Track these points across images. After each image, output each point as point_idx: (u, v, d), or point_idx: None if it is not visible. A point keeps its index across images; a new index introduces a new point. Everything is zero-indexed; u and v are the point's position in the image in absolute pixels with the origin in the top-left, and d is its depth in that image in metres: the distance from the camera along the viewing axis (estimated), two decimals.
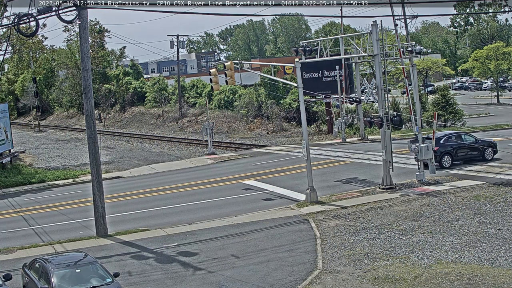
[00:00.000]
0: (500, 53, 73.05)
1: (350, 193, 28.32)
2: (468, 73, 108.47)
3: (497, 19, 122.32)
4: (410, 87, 33.29)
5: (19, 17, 22.65)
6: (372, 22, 28.78)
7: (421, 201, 25.70)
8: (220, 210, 27.46)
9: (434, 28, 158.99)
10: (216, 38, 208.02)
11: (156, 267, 19.61)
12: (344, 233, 22.00)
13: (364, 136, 47.66)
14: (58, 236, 24.56)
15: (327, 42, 31.31)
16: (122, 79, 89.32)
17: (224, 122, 66.98)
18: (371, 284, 16.82)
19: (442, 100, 53.44)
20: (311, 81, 50.23)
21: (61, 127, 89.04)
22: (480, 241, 19.95)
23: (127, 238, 23.37)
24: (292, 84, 31.90)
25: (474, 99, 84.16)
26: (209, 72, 34.16)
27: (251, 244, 21.48)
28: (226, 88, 68.17)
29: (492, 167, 31.78)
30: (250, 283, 17.55)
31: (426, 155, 28.87)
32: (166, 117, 76.62)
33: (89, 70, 23.93)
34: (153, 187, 34.45)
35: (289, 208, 26.60)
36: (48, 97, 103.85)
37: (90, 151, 24.19)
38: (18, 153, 52.29)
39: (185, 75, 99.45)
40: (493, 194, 25.99)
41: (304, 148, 27.79)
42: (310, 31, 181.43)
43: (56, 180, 39.02)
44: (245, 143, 53.22)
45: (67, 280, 15.67)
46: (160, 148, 55.95)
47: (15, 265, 20.11)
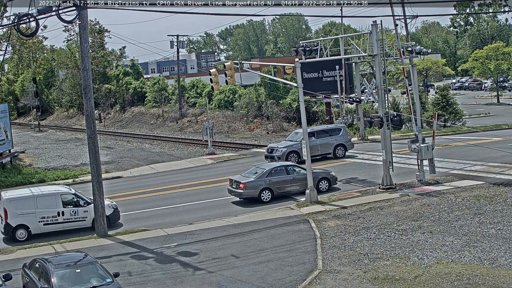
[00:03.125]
0: (500, 53, 73.05)
1: (350, 193, 28.32)
2: (468, 73, 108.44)
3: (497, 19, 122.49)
4: (410, 87, 33.24)
5: (19, 17, 22.64)
6: (372, 22, 28.77)
7: (421, 201, 25.70)
8: (220, 210, 27.46)
9: (434, 28, 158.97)
10: (216, 38, 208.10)
11: (156, 267, 19.62)
12: (344, 233, 22.00)
13: (364, 136, 47.66)
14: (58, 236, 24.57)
15: (327, 42, 31.31)
16: (122, 79, 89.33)
17: (224, 122, 66.98)
18: (371, 284, 16.82)
19: (442, 100, 53.44)
20: (311, 81, 50.21)
21: (61, 127, 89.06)
22: (480, 241, 19.95)
23: (127, 238, 23.38)
24: (292, 84, 31.89)
25: (474, 99, 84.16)
26: (209, 72, 34.14)
27: (251, 244, 21.48)
28: (226, 88, 68.16)
29: (492, 167, 31.78)
30: (250, 283, 17.55)
31: (426, 155, 28.90)
32: (166, 117, 76.63)
33: (89, 70, 23.94)
34: (153, 187, 34.45)
35: (289, 208, 26.60)
36: (48, 97, 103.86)
37: (90, 151, 24.19)
38: (18, 153, 52.29)
39: (185, 75, 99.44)
40: (493, 194, 25.98)
41: (304, 148, 27.80)
42: (310, 31, 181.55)
43: (56, 180, 39.01)
44: (245, 143, 53.21)
45: (67, 280, 15.68)
46: (160, 148, 55.94)
47: (15, 265, 20.12)
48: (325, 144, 37.97)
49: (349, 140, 39.47)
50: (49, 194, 25.21)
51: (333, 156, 38.22)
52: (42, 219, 24.57)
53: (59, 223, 24.85)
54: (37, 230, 24.57)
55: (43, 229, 24.65)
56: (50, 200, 24.91)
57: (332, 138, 38.50)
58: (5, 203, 24.45)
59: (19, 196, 24.94)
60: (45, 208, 24.62)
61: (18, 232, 24.35)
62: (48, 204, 24.75)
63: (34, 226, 24.49)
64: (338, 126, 40.40)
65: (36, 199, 24.71)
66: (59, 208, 24.80)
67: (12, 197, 24.77)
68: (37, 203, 24.62)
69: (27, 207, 24.45)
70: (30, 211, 24.42)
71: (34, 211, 24.45)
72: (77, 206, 25.19)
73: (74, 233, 24.81)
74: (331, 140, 38.37)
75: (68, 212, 24.93)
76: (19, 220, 24.33)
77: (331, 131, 39.05)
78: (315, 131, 38.49)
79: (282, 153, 36.84)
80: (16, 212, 24.29)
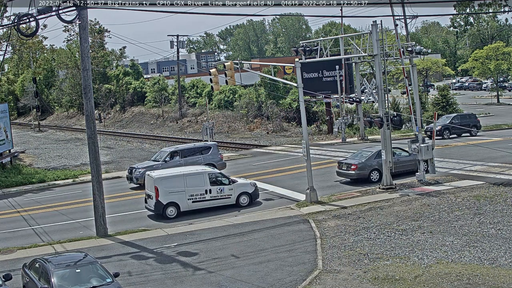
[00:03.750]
0: (500, 53, 73.06)
1: (350, 193, 28.32)
2: (468, 73, 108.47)
3: (497, 19, 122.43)
4: (410, 87, 33.27)
5: (19, 17, 22.66)
6: (372, 22, 28.77)
7: (421, 201, 25.69)
8: (220, 210, 27.43)
9: (434, 28, 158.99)
10: (216, 38, 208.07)
11: (156, 267, 19.61)
12: (344, 233, 21.99)
13: (364, 136, 47.68)
14: (58, 236, 24.58)
15: (327, 42, 31.30)
16: (122, 79, 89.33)
17: (224, 122, 66.97)
18: (371, 284, 16.82)
19: (442, 100, 53.47)
20: (311, 81, 50.22)
21: (61, 127, 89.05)
22: (480, 241, 19.94)
23: (127, 238, 23.38)
24: (292, 84, 31.90)
25: (474, 99, 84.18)
26: (209, 72, 34.14)
27: (251, 244, 21.48)
28: (226, 88, 68.17)
29: (492, 167, 31.78)
30: (250, 283, 17.55)
31: (426, 155, 28.91)
32: (166, 117, 76.63)
33: (89, 70, 23.93)
34: None
35: (289, 208, 26.60)
36: (48, 97, 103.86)
37: (90, 151, 24.19)
38: (18, 153, 52.28)
39: (185, 75, 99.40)
40: (493, 194, 25.98)
41: (304, 148, 27.80)
42: (310, 31, 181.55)
43: (56, 180, 39.04)
44: (245, 143, 53.22)
45: (67, 280, 15.68)
46: (160, 148, 55.88)
47: (15, 265, 20.11)
48: (191, 165, 32.70)
49: (220, 160, 36.28)
50: (197, 173, 27.05)
51: None
52: (190, 197, 26.35)
53: (206, 200, 26.68)
54: (186, 207, 26.36)
55: (191, 206, 26.47)
56: (198, 179, 26.67)
57: (199, 157, 35.33)
58: (157, 181, 26.01)
59: (169, 175, 26.64)
60: (193, 186, 26.43)
61: (168, 209, 26.15)
62: (196, 183, 26.58)
63: (183, 204, 26.27)
64: (208, 144, 37.39)
65: (185, 177, 26.45)
66: (207, 186, 26.66)
67: (163, 176, 26.44)
68: (186, 181, 26.38)
69: (177, 185, 26.19)
70: (180, 189, 26.16)
71: (183, 189, 26.22)
72: (223, 185, 27.02)
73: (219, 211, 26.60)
74: (199, 160, 34.99)
75: (215, 190, 26.79)
76: (170, 198, 26.02)
77: (200, 150, 35.96)
78: (180, 150, 35.66)
79: (141, 173, 33.02)
80: (166, 190, 25.96)
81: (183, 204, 26.26)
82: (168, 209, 26.06)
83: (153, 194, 26.09)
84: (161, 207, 26.02)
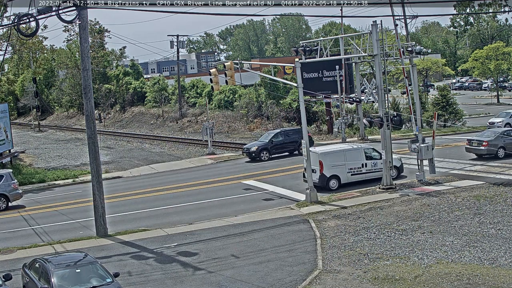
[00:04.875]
0: (500, 53, 72.99)
1: (350, 193, 28.32)
2: (468, 73, 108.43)
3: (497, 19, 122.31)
4: (410, 87, 33.26)
5: (19, 17, 22.65)
6: (372, 22, 28.78)
7: (421, 201, 25.70)
8: (220, 210, 27.46)
9: (434, 28, 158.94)
10: (216, 38, 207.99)
11: (156, 267, 19.61)
12: (344, 233, 22.00)
13: (364, 136, 47.65)
14: (58, 236, 24.57)
15: (327, 42, 31.30)
16: (122, 79, 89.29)
17: (224, 122, 66.93)
18: (371, 284, 16.82)
19: (442, 100, 53.43)
20: (311, 81, 50.17)
21: (61, 127, 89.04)
22: (480, 241, 19.95)
23: (127, 238, 23.38)
24: (292, 84, 31.89)
25: (474, 99, 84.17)
26: (209, 72, 34.13)
27: (251, 244, 21.48)
28: (226, 88, 68.13)
29: (492, 167, 31.78)
30: (250, 283, 17.55)
31: (426, 155, 28.91)
32: (166, 117, 76.60)
33: (89, 70, 23.94)
34: (153, 187, 34.46)
35: (289, 208, 26.60)
36: (48, 97, 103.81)
37: (90, 151, 24.19)
38: (18, 153, 52.29)
39: (185, 75, 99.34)
40: (493, 194, 25.99)
41: (304, 148, 27.82)
42: (310, 31, 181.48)
43: (56, 180, 39.04)
44: (245, 143, 53.03)
45: (67, 280, 15.67)
46: (160, 148, 55.93)
47: (15, 265, 20.12)
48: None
49: (14, 189, 30.71)
50: (355, 148, 30.15)
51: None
52: (350, 170, 29.39)
53: (362, 173, 29.70)
54: (345, 179, 29.37)
55: (350, 178, 29.47)
56: (355, 154, 29.65)
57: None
58: (321, 156, 28.93)
59: (332, 150, 29.82)
60: (352, 160, 29.37)
61: (331, 182, 29.19)
62: (354, 157, 29.53)
63: (343, 176, 29.29)
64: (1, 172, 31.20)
65: (345, 153, 29.50)
66: (363, 160, 29.62)
67: (326, 151, 29.55)
68: (346, 156, 29.36)
69: (338, 160, 29.16)
70: (341, 163, 29.19)
71: (343, 163, 29.22)
72: (376, 159, 29.61)
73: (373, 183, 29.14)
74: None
75: (370, 164, 29.74)
76: (332, 171, 29.10)
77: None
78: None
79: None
80: (330, 164, 29.00)
81: (343, 177, 29.19)
82: (331, 181, 29.06)
83: (317, 168, 28.56)
84: (325, 180, 28.93)
